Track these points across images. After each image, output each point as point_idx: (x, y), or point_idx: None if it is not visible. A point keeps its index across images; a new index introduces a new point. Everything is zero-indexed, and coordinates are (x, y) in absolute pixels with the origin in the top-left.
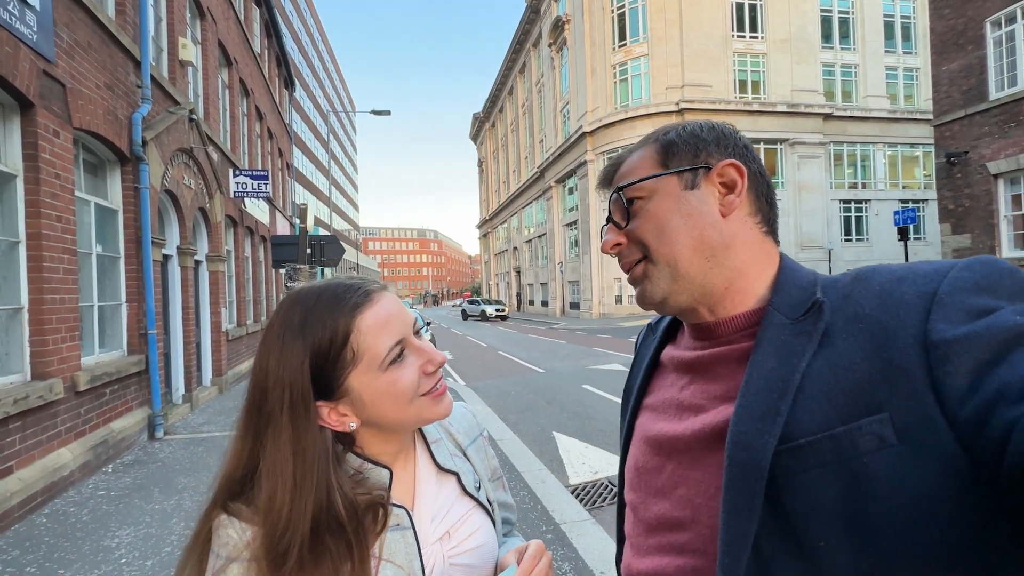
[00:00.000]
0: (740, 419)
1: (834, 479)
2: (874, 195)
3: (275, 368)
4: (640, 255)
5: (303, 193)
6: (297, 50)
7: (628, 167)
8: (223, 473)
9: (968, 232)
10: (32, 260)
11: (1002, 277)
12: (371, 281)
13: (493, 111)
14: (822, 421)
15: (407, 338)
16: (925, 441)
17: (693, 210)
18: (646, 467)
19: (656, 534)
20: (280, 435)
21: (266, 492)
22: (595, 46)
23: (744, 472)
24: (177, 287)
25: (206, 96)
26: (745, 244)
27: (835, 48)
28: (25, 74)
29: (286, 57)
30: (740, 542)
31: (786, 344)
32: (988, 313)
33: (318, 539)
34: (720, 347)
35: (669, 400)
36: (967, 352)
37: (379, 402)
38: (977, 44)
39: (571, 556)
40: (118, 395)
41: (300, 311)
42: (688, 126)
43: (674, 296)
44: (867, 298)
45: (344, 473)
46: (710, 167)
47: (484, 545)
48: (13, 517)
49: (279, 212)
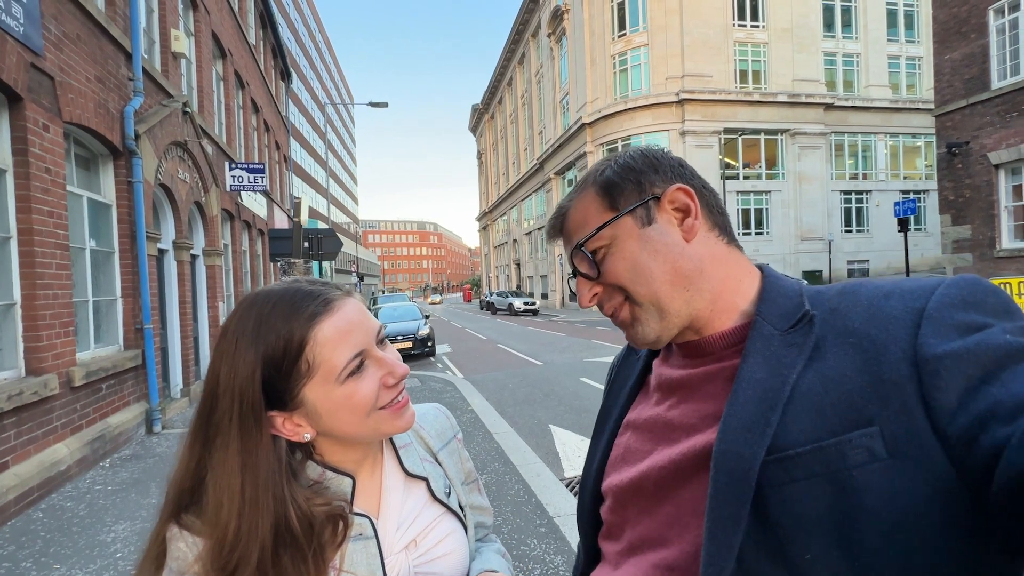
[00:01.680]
0: (728, 429)
1: (822, 491)
2: (875, 186)
3: (226, 375)
4: (621, 297)
5: (301, 186)
6: (294, 41)
7: (577, 218)
8: (172, 483)
9: (968, 223)
10: (24, 255)
11: (987, 295)
12: (334, 287)
13: (492, 102)
14: (812, 433)
15: (368, 349)
16: (915, 456)
17: (659, 244)
18: (631, 486)
19: (638, 552)
20: (228, 446)
21: (212, 506)
22: (594, 36)
23: (730, 482)
24: (174, 282)
25: (200, 89)
26: (715, 261)
27: (837, 37)
28: (12, 67)
29: (282, 48)
30: (724, 553)
31: (776, 356)
32: (977, 329)
33: (273, 556)
34: (710, 365)
35: (656, 418)
36: (957, 368)
37: (335, 414)
38: (980, 32)
39: (564, 549)
40: (115, 390)
41: (255, 316)
42: (620, 159)
43: (666, 332)
44: (856, 311)
45: (299, 485)
46: (659, 197)
47: (452, 553)
48: (9, 512)
49: (277, 206)
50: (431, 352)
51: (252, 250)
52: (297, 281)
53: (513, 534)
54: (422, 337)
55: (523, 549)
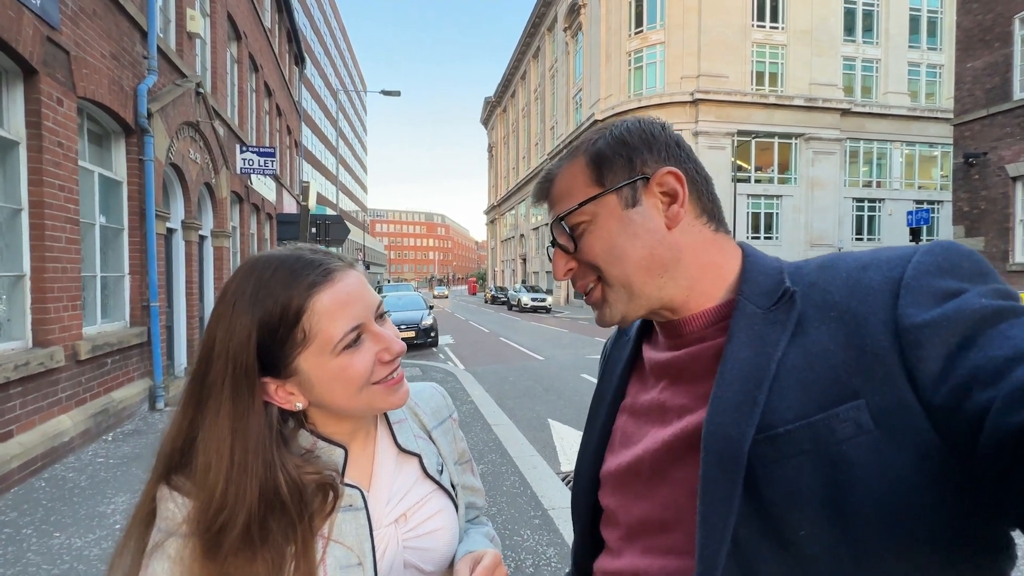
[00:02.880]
0: (716, 410)
1: (813, 467)
2: (888, 194)
3: (223, 338)
4: (594, 276)
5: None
6: (309, 26)
7: (563, 186)
8: (163, 443)
9: (982, 235)
10: (34, 228)
11: (962, 259)
12: (335, 257)
13: (505, 96)
14: (799, 410)
15: (366, 323)
16: (901, 426)
17: (639, 228)
18: (627, 470)
19: (639, 537)
20: (220, 409)
21: (201, 467)
22: (611, 32)
23: (721, 462)
24: (181, 261)
25: (214, 70)
26: (696, 250)
27: (857, 41)
28: (29, 40)
29: (297, 33)
30: (719, 534)
31: (760, 334)
32: (954, 295)
33: (261, 521)
34: (694, 345)
35: (649, 402)
36: (938, 336)
37: (328, 386)
38: (1004, 41)
39: (556, 541)
40: (119, 365)
41: (255, 280)
42: (615, 130)
43: (632, 313)
44: (835, 285)
45: (290, 452)
46: (647, 177)
47: (441, 529)
48: (13, 480)
49: (286, 190)
50: (434, 342)
51: (260, 233)
52: (300, 248)
53: (507, 524)
54: (425, 327)
55: (516, 539)
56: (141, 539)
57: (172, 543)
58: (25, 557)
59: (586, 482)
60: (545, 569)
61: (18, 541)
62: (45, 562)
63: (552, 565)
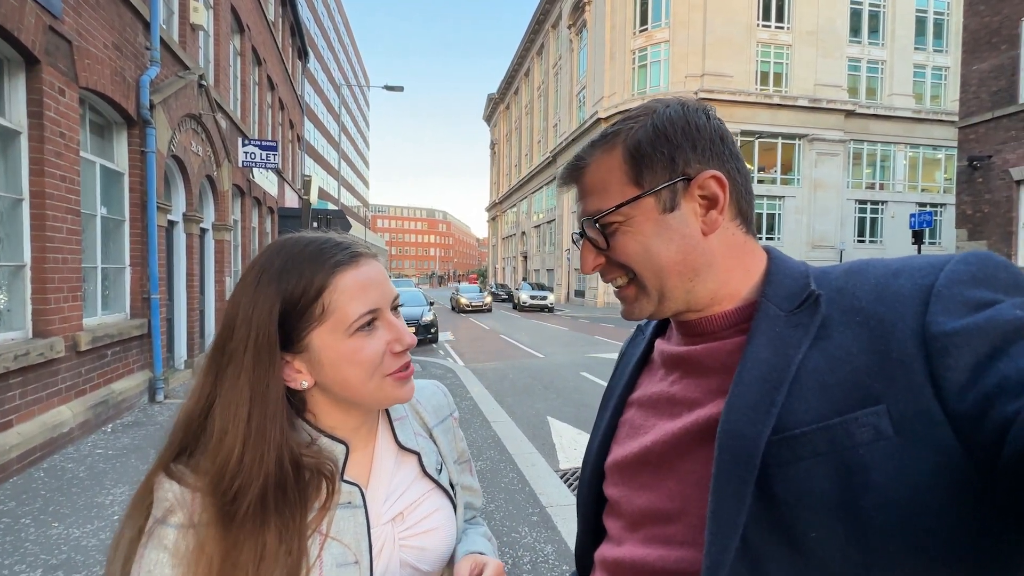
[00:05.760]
0: (733, 408)
1: (828, 470)
2: (891, 197)
3: (246, 307)
4: (622, 272)
5: (313, 166)
6: (312, 20)
7: (597, 179)
8: (181, 411)
9: (984, 239)
10: (35, 218)
11: (998, 270)
12: (363, 244)
13: (508, 93)
14: (817, 412)
15: (382, 309)
16: (922, 434)
17: (675, 234)
18: (634, 460)
19: (642, 527)
20: (240, 375)
21: (218, 430)
22: (615, 29)
23: (735, 460)
24: (182, 254)
25: (217, 63)
26: (727, 255)
27: (863, 43)
28: (31, 29)
29: (300, 27)
30: (728, 531)
31: (781, 336)
32: (987, 306)
33: (275, 488)
34: (712, 342)
35: (659, 394)
36: (967, 345)
37: (337, 367)
38: (1011, 44)
39: (554, 539)
40: (119, 357)
41: (283, 256)
42: (656, 122)
43: (660, 313)
44: (863, 291)
45: (294, 433)
46: (689, 179)
47: (439, 528)
48: (12, 470)
49: (288, 184)
50: (434, 339)
51: (261, 227)
52: (329, 231)
53: (505, 521)
54: (426, 323)
55: (514, 536)
56: (136, 527)
57: (169, 532)
58: (23, 547)
59: (591, 473)
60: (543, 566)
61: (16, 531)
62: (43, 552)
63: (550, 562)
